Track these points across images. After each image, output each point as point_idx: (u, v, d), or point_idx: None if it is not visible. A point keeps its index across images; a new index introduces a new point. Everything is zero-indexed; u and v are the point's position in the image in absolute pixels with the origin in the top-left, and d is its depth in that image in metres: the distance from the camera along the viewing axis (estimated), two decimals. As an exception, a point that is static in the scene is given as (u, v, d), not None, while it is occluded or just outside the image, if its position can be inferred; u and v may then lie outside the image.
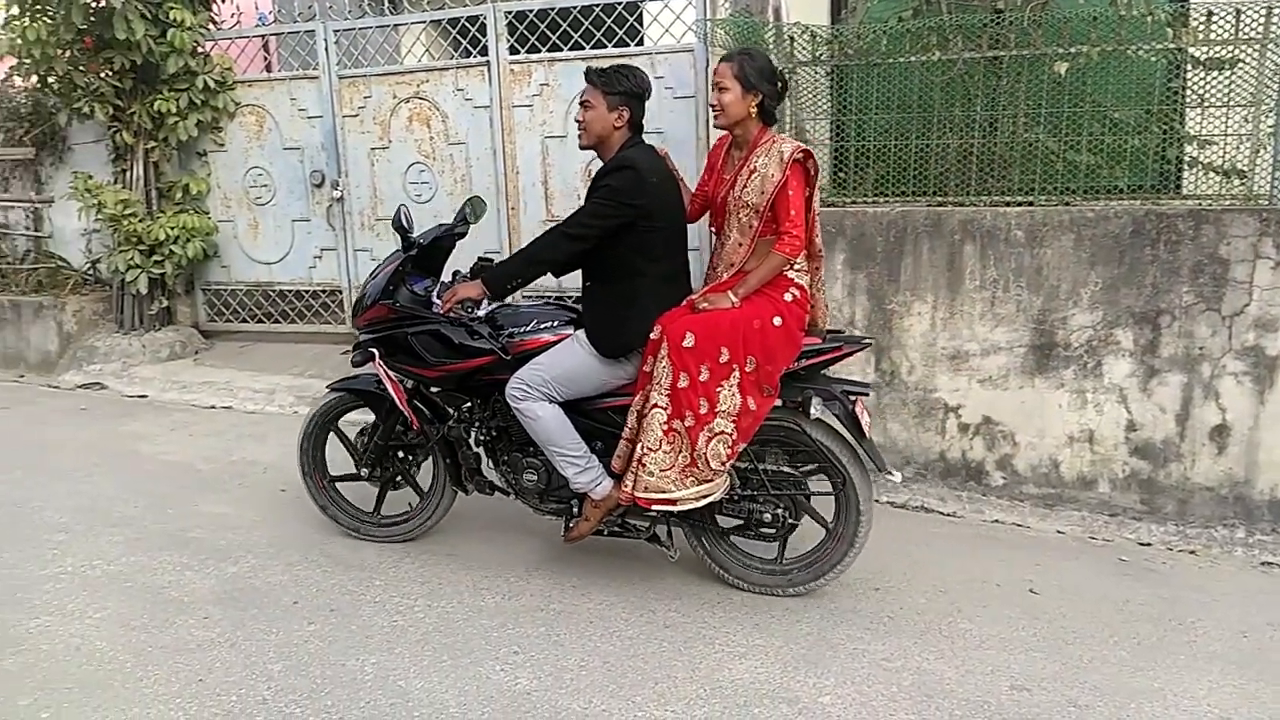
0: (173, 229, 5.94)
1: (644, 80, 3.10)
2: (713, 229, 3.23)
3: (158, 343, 6.18)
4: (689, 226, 3.28)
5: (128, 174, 6.07)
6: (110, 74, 5.74)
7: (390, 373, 3.34)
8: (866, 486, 3.03)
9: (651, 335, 2.93)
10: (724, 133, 3.11)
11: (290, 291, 6.36)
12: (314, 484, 3.64)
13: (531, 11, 5.39)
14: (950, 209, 3.96)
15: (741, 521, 3.15)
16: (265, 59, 6.51)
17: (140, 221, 5.89)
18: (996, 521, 3.80)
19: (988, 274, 3.87)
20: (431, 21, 5.73)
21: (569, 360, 3.07)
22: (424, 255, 3.39)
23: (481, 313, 3.28)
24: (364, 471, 3.57)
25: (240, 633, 2.82)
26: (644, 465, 2.92)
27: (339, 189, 5.97)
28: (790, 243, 2.90)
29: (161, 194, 6.14)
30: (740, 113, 2.97)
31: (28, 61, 5.64)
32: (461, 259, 3.71)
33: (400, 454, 3.57)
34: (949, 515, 3.86)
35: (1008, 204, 3.93)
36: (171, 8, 5.60)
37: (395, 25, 5.88)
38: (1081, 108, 3.88)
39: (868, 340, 3.22)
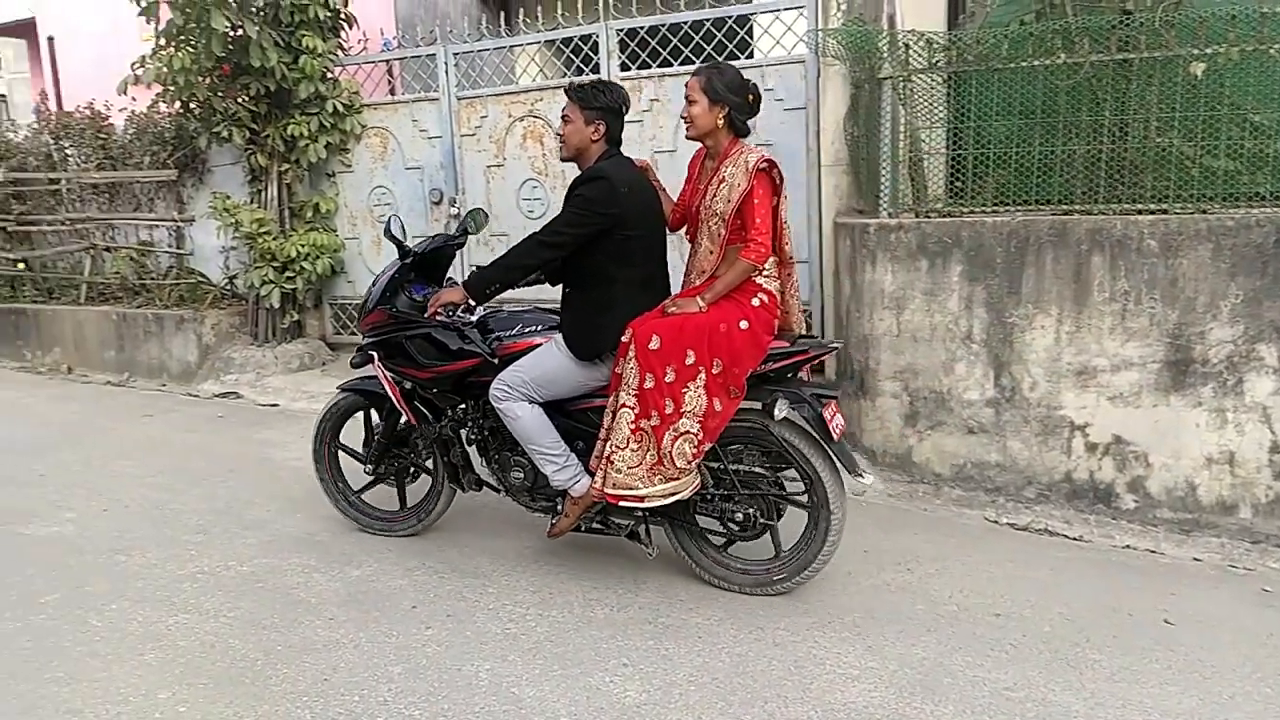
0: (304, 246, 6.25)
1: (620, 95, 3.23)
2: (688, 237, 3.32)
3: (288, 354, 6.50)
4: (673, 235, 3.38)
5: (263, 194, 6.42)
6: (247, 99, 6.10)
7: (388, 374, 3.54)
8: (837, 486, 3.09)
9: (623, 339, 3.05)
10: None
11: (409, 305, 6.59)
12: (328, 480, 3.88)
13: (642, 29, 5.45)
14: (1077, 218, 3.79)
15: (717, 520, 3.24)
16: (389, 83, 6.79)
17: (274, 239, 6.22)
18: (1128, 547, 3.60)
19: (1118, 285, 3.68)
20: (545, 41, 5.86)
21: (547, 363, 3.23)
22: (425, 264, 3.60)
23: (474, 318, 3.49)
24: (367, 467, 3.78)
25: (363, 634, 2.92)
26: (612, 463, 3.06)
27: (456, 206, 6.16)
28: (755, 249, 3.00)
29: (293, 213, 6.47)
30: (708, 124, 3.10)
31: (172, 89, 6.05)
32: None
33: (401, 451, 3.77)
34: (1075, 539, 3.68)
35: (1139, 212, 3.73)
36: (303, 35, 5.91)
37: (511, 46, 6.05)
38: (1219, 111, 3.65)
39: (835, 345, 3.32)
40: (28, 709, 2.52)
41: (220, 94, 6.10)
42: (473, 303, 3.38)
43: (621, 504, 3.10)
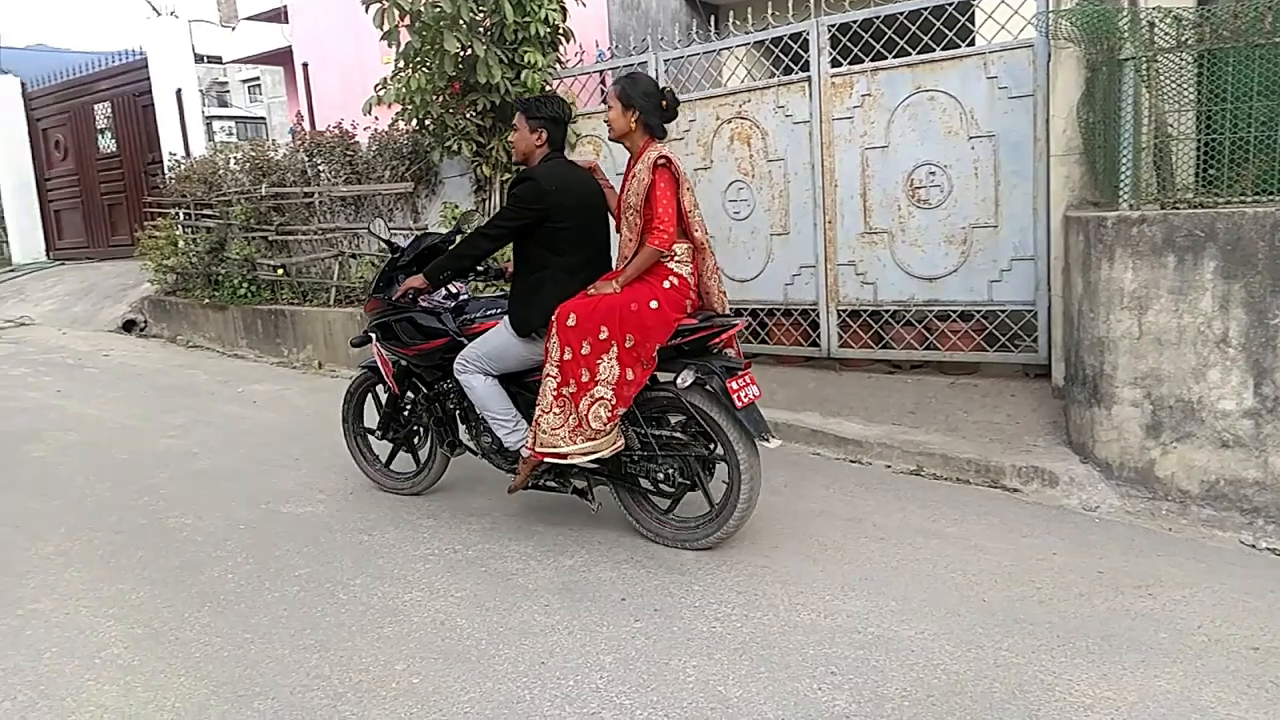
0: (519, 250, 6.58)
1: (561, 108, 3.78)
2: (617, 229, 3.68)
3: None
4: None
5: (485, 203, 6.83)
6: (474, 114, 6.50)
7: (383, 352, 4.20)
8: (747, 450, 3.44)
9: (551, 318, 3.53)
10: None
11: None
12: (353, 445, 4.58)
13: (855, 22, 5.33)
14: (1361, 207, 3.33)
15: (646, 479, 3.66)
16: (602, 92, 7.02)
17: (494, 244, 6.59)
18: None
19: None
20: (754, 42, 5.85)
21: (495, 340, 3.78)
22: (424, 259, 4.13)
23: (453, 303, 4.13)
24: (378, 433, 4.44)
25: (576, 622, 3.04)
26: (540, 425, 3.56)
27: (663, 209, 6.27)
28: (659, 236, 3.42)
29: (511, 219, 6.83)
30: (623, 127, 3.57)
31: (409, 108, 6.54)
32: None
33: (402, 420, 4.38)
34: (1355, 571, 3.23)
35: None
36: (526, 51, 6.23)
37: (720, 49, 6.08)
38: None
39: (736, 321, 3.61)
40: (283, 671, 2.81)
41: (451, 110, 6.54)
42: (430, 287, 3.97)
43: (547, 460, 3.60)
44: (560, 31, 6.55)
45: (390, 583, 3.41)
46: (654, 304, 3.46)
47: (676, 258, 3.52)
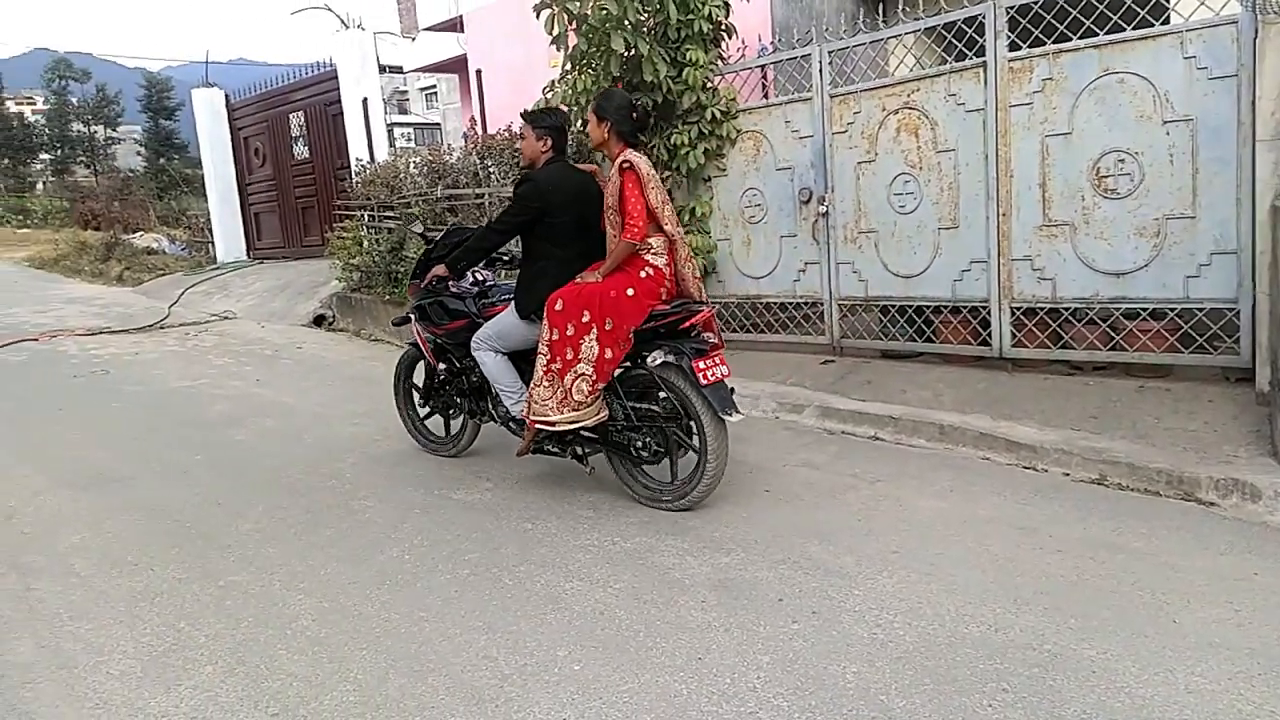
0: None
1: (561, 118, 4.39)
2: (603, 227, 4.18)
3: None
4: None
5: (645, 200, 6.90)
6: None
7: (421, 331, 4.88)
8: (713, 423, 3.86)
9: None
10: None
11: (775, 303, 6.71)
12: (402, 411, 5.31)
13: (1035, 3, 5.04)
14: None
15: (618, 443, 4.15)
16: (763, 87, 6.96)
17: (654, 241, 6.66)
18: None
19: None
20: (924, 29, 5.64)
21: (503, 321, 4.39)
22: (453, 250, 4.60)
23: (476, 289, 4.75)
24: (421, 402, 5.17)
25: (732, 620, 3.03)
26: (533, 396, 4.11)
27: (824, 204, 6.16)
28: (630, 230, 3.93)
29: (671, 216, 6.88)
30: (599, 137, 4.15)
31: (575, 109, 6.70)
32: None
33: (442, 392, 5.00)
34: None
35: None
36: (688, 49, 6.25)
37: (887, 39, 5.90)
38: None
39: (702, 307, 4.03)
40: (454, 650, 2.95)
41: (613, 110, 6.65)
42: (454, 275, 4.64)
43: (535, 426, 4.14)
44: (723, 27, 6.54)
45: (552, 571, 3.51)
46: (630, 292, 3.96)
47: (652, 250, 4.03)
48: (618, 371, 4.03)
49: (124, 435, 5.86)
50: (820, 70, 6.06)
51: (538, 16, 6.37)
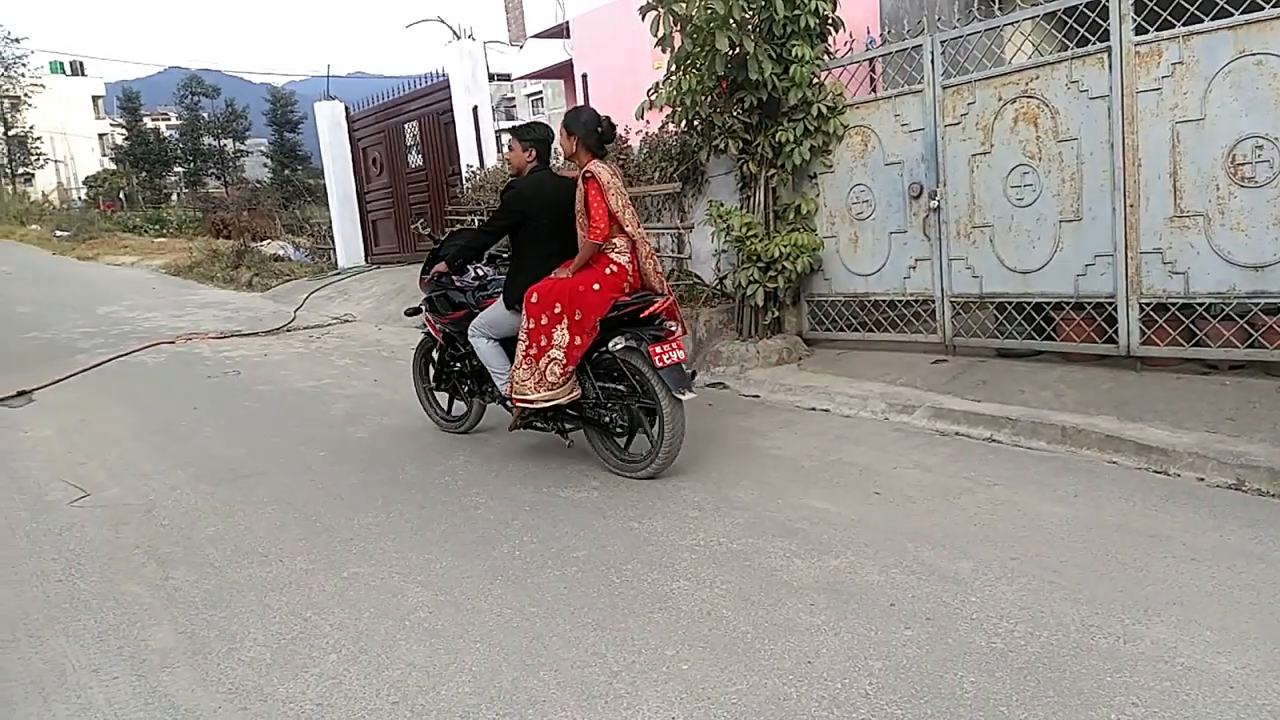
0: (786, 247, 6.55)
1: (545, 132, 4.97)
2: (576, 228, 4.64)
3: (768, 349, 6.87)
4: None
5: (751, 199, 6.86)
6: (740, 112, 6.56)
7: (432, 321, 5.55)
8: (669, 401, 4.37)
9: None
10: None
11: (884, 301, 6.57)
12: (420, 391, 5.99)
13: (1164, -17, 4.78)
14: None
15: (591, 419, 4.72)
16: (871, 81, 6.82)
17: (760, 241, 6.61)
18: None
19: None
20: (1043, 15, 5.42)
21: (494, 311, 4.97)
22: (461, 249, 5.20)
23: (477, 283, 5.31)
24: (433, 384, 5.83)
25: (842, 624, 2.98)
26: (514, 378, 4.69)
27: (936, 199, 5.99)
28: (593, 232, 4.44)
29: (777, 215, 6.82)
30: (568, 149, 4.68)
31: (679, 109, 6.72)
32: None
33: (456, 374, 5.59)
34: None
35: None
36: (794, 45, 6.18)
37: (1003, 26, 5.70)
38: None
39: (657, 298, 4.51)
40: (564, 646, 2.99)
41: (718, 110, 6.64)
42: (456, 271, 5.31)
43: (518, 404, 4.72)
44: (830, 22, 6.44)
45: (659, 570, 3.52)
46: (596, 286, 4.49)
47: (616, 249, 4.54)
48: (593, 355, 4.60)
49: (254, 433, 6.18)
50: (932, 61, 5.90)
51: (643, 18, 6.41)
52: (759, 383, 6.51)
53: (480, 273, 5.41)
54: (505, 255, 5.30)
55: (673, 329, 4.51)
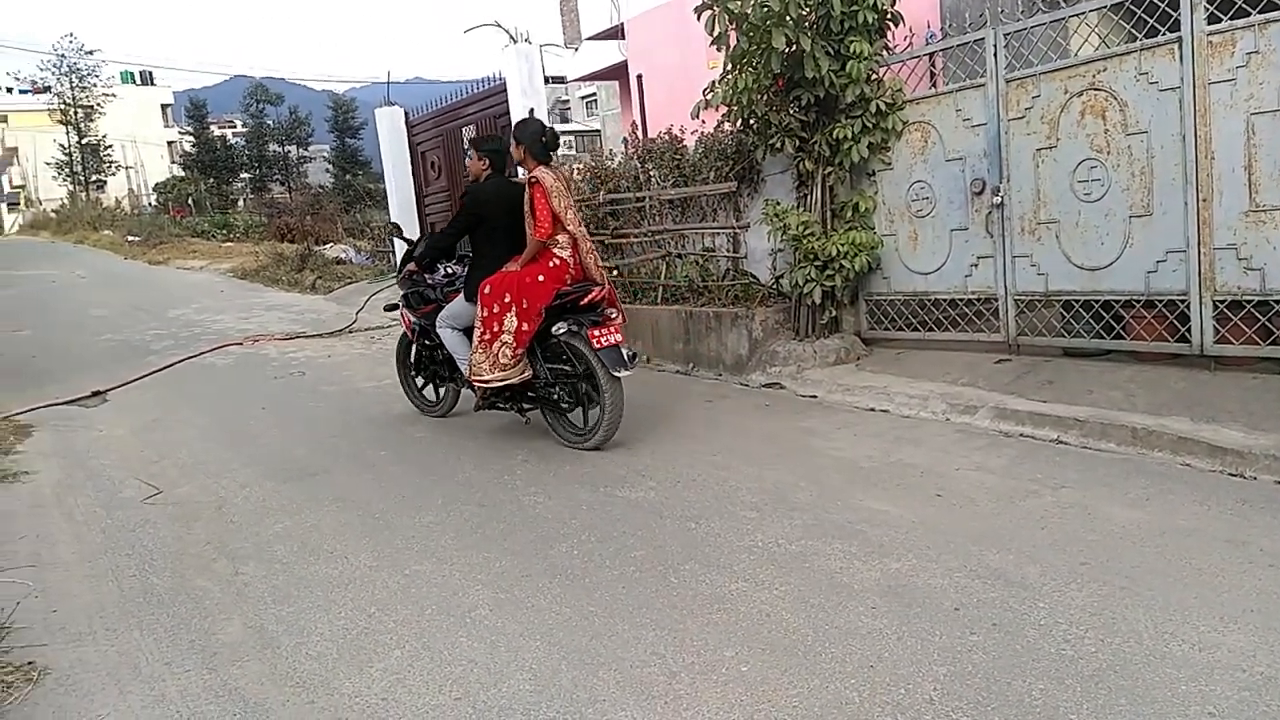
0: (843, 245, 6.48)
1: (499, 143, 5.63)
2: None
3: (826, 349, 6.79)
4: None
5: (808, 198, 6.80)
6: (797, 110, 6.50)
7: (407, 315, 6.19)
8: (608, 379, 4.98)
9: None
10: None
11: (944, 300, 6.45)
12: (402, 379, 6.62)
13: (1239, -31, 4.62)
14: None
15: (544, 398, 5.36)
16: (931, 76, 6.71)
17: (817, 240, 6.55)
18: None
19: None
20: (1111, 5, 5.27)
21: (457, 304, 5.61)
22: (432, 249, 6.03)
23: (446, 280, 5.96)
24: (413, 372, 6.46)
25: (905, 628, 2.93)
26: (472, 361, 5.30)
27: (999, 195, 5.87)
28: (537, 230, 5.08)
29: (834, 214, 6.75)
30: (519, 156, 5.32)
31: (735, 108, 6.68)
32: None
33: (430, 362, 6.26)
34: None
35: None
36: (852, 41, 6.10)
37: (1069, 17, 5.55)
38: None
39: (594, 287, 5.15)
40: (623, 645, 3.00)
41: (774, 108, 6.59)
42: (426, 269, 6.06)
43: (475, 384, 5.36)
44: (888, 16, 6.35)
45: (717, 571, 3.51)
46: (541, 278, 5.11)
47: (559, 245, 5.18)
48: (544, 339, 5.20)
49: (319, 432, 6.32)
50: (995, 54, 5.78)
51: (699, 18, 6.40)
52: (816, 383, 6.44)
53: (450, 270, 6.03)
54: (469, 254, 5.92)
55: (611, 315, 5.15)
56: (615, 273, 8.92)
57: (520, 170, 5.60)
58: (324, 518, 4.49)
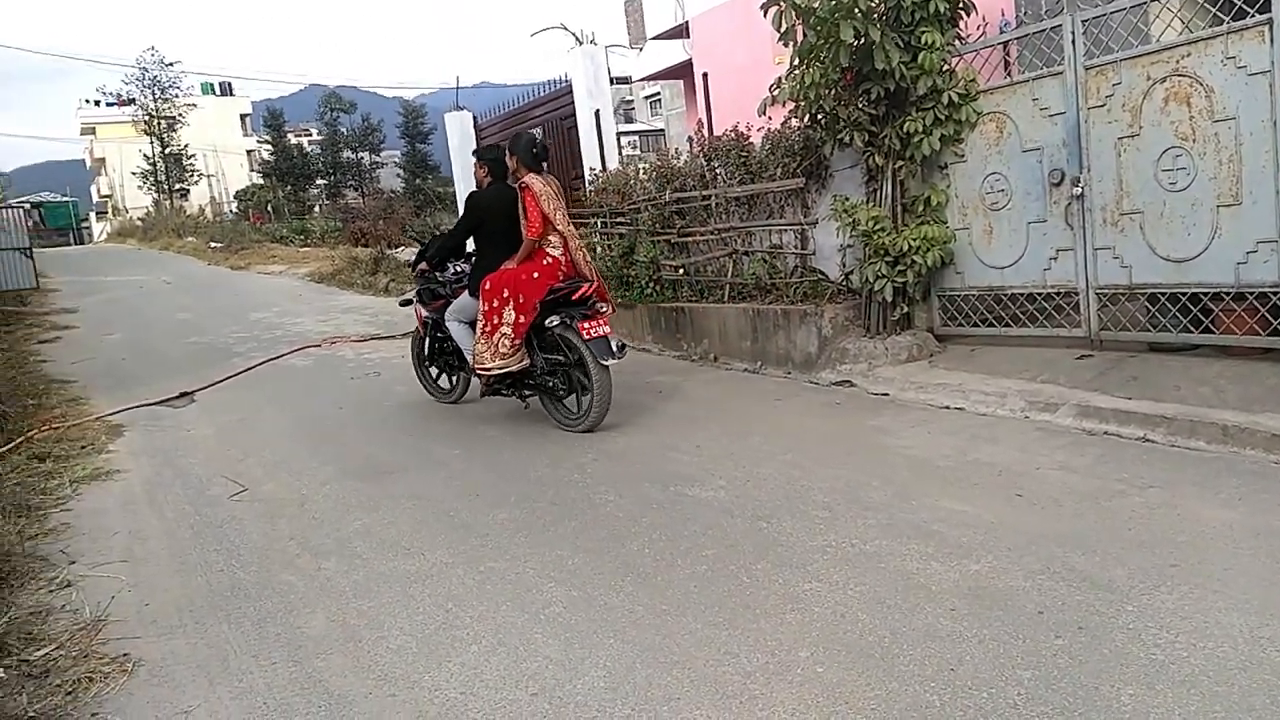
0: (915, 240, 6.36)
1: (498, 153, 6.15)
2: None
3: (897, 346, 6.68)
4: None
5: (877, 192, 6.69)
6: (866, 103, 6.41)
7: (420, 310, 6.91)
8: (597, 368, 5.53)
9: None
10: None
11: (1021, 295, 6.28)
12: (417, 370, 7.30)
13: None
14: None
15: (540, 385, 5.93)
16: (1005, 65, 6.54)
17: (887, 235, 6.44)
18: None
19: None
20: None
21: (462, 299, 6.26)
22: (442, 249, 6.80)
23: (455, 278, 6.60)
24: (427, 362, 7.13)
25: (986, 631, 2.87)
26: (476, 350, 5.88)
27: (1079, 185, 5.70)
28: (529, 230, 5.73)
29: (905, 208, 6.63)
30: (513, 166, 5.94)
31: (802, 104, 6.61)
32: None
33: (442, 353, 6.94)
34: None
35: None
36: (923, 32, 5.99)
37: (1149, 2, 5.36)
38: None
39: (583, 284, 5.74)
40: (696, 644, 3.00)
41: (843, 102, 6.50)
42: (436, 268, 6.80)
43: (478, 372, 5.94)
44: (960, 5, 6.21)
45: (790, 571, 3.48)
46: (535, 275, 5.71)
47: (551, 244, 5.78)
48: (540, 331, 5.73)
49: (394, 431, 6.46)
50: (1073, 41, 5.61)
51: (765, 14, 6.35)
52: (888, 380, 6.34)
53: (459, 269, 6.66)
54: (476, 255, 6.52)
55: (601, 308, 5.71)
56: (681, 271, 8.92)
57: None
58: (401, 515, 4.59)
